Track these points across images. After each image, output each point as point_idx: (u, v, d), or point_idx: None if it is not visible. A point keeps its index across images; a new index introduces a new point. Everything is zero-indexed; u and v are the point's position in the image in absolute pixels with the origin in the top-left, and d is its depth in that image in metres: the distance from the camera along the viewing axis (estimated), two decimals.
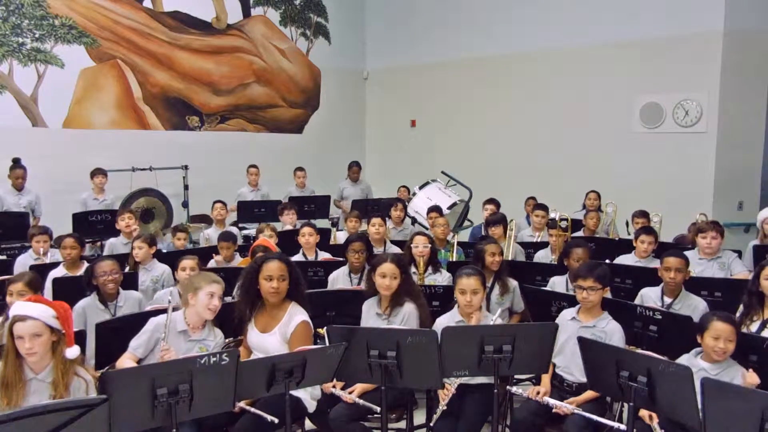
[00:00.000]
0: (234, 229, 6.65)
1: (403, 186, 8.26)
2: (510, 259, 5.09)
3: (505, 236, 5.42)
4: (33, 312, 2.53)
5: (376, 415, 3.06)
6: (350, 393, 3.14)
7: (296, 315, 3.16)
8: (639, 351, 3.07)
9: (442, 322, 3.42)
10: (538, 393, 3.17)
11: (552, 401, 3.10)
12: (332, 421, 3.14)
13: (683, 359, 2.95)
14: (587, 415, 2.92)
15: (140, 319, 3.28)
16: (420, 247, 4.55)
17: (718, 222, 4.93)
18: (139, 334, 3.14)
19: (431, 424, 3.27)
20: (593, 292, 3.26)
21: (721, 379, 2.71)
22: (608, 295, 3.88)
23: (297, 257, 5.09)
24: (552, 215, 5.74)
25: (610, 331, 3.24)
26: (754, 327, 3.34)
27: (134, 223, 5.69)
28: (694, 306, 3.68)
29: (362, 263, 4.44)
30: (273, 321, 3.19)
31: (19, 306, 2.60)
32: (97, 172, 7.09)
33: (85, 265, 4.68)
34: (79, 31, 7.88)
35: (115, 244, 5.69)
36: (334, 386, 3.17)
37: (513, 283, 4.25)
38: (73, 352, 2.60)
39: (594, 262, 3.55)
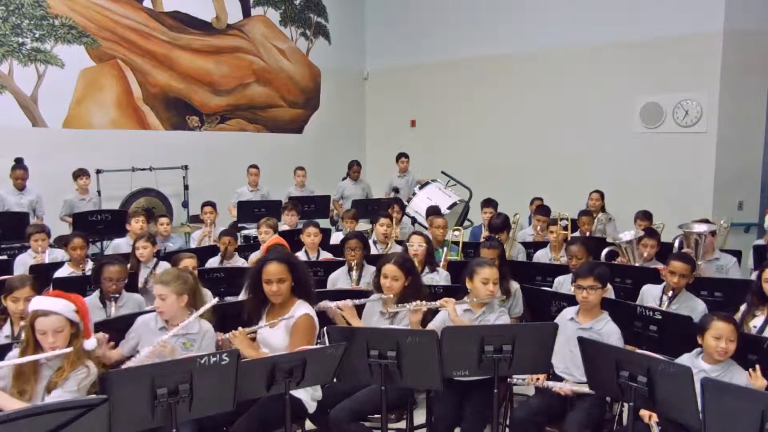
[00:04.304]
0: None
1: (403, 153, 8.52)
2: (511, 258, 5.09)
3: (508, 238, 5.41)
4: (55, 307, 2.60)
5: (376, 415, 3.06)
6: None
7: (299, 309, 3.14)
8: (639, 351, 3.07)
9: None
10: (538, 379, 3.20)
11: (550, 383, 3.16)
12: (332, 421, 3.14)
13: (684, 359, 2.95)
14: (584, 390, 2.98)
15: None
16: (415, 246, 4.55)
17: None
18: (129, 330, 3.20)
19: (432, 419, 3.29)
20: (593, 292, 3.26)
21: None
22: (611, 295, 3.89)
23: (299, 256, 5.10)
24: (553, 216, 5.74)
25: (607, 334, 3.24)
26: (758, 321, 3.36)
27: (145, 225, 5.70)
28: (692, 307, 3.67)
29: (360, 260, 4.49)
30: (279, 317, 3.17)
31: (41, 301, 2.66)
32: (81, 173, 7.07)
33: (89, 263, 4.70)
34: (79, 31, 7.88)
35: (119, 245, 5.70)
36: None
37: (515, 286, 4.22)
38: (91, 343, 2.68)
39: (594, 262, 3.55)
